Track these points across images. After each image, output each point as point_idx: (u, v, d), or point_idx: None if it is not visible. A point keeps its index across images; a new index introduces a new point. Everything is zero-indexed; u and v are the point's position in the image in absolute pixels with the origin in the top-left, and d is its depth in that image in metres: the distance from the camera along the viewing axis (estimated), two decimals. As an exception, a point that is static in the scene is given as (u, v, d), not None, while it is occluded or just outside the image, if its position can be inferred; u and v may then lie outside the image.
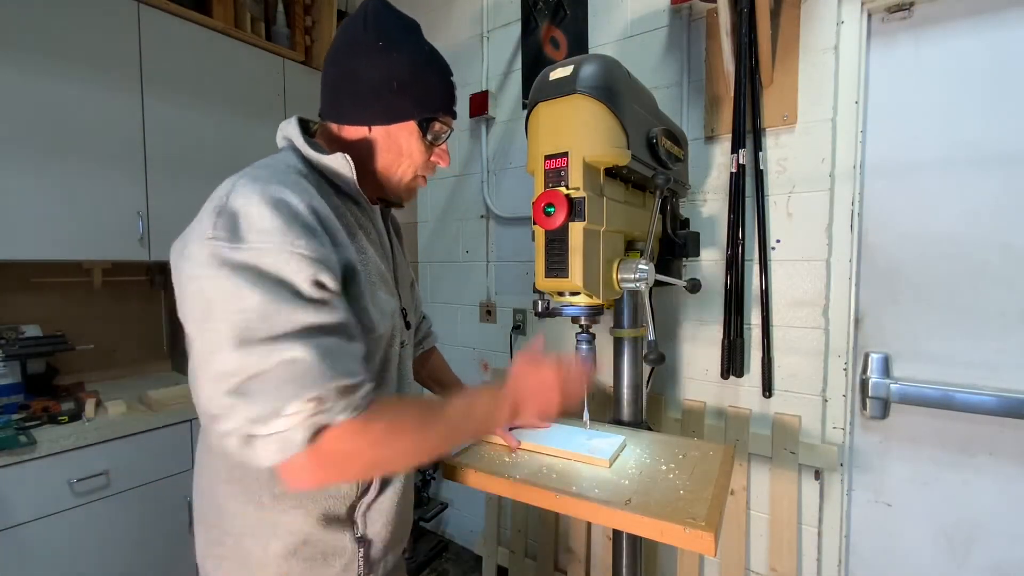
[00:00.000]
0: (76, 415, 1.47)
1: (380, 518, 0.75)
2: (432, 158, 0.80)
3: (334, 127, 0.76)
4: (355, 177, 0.70)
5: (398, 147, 0.76)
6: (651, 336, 0.98)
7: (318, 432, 0.55)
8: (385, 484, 0.75)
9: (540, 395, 0.75)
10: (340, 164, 0.69)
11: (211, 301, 0.54)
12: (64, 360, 1.81)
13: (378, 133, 0.75)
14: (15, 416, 1.42)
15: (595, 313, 0.96)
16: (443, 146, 0.81)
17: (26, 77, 1.43)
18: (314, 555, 0.69)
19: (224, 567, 0.69)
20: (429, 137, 0.77)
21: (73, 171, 1.52)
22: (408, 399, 0.66)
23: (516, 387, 0.75)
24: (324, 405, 0.54)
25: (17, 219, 1.43)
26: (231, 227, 0.55)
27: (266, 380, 0.52)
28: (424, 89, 0.75)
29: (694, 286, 1.09)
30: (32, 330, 1.68)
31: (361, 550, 0.72)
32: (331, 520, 0.70)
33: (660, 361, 0.96)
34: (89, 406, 1.49)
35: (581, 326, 0.97)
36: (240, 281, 0.53)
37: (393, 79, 0.71)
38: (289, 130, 0.73)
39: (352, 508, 0.72)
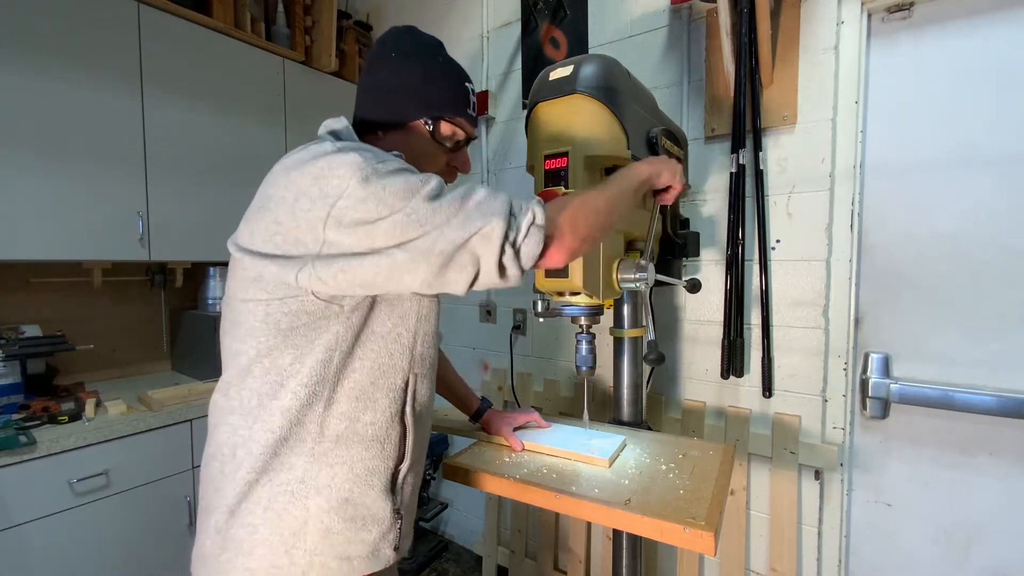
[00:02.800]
0: (76, 415, 1.47)
1: (411, 493, 0.78)
2: (452, 163, 0.82)
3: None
4: None
5: (411, 150, 0.77)
6: (651, 336, 0.98)
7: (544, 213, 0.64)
8: (403, 456, 0.77)
9: (664, 163, 0.86)
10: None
11: (393, 199, 0.59)
12: (64, 360, 1.81)
13: (393, 138, 0.79)
14: (15, 416, 1.42)
15: (595, 313, 0.96)
16: (465, 153, 0.82)
17: (26, 77, 1.42)
18: (354, 516, 0.70)
19: (260, 533, 0.68)
20: (447, 144, 0.80)
21: (73, 171, 1.52)
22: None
23: (642, 165, 0.84)
24: (529, 200, 0.65)
25: (17, 219, 1.42)
26: (368, 154, 0.62)
27: (481, 207, 0.61)
28: (433, 91, 0.79)
29: (694, 286, 1.09)
30: (32, 330, 1.68)
31: (399, 522, 0.74)
32: (373, 482, 0.71)
33: (660, 361, 0.96)
34: (89, 406, 1.49)
35: (581, 326, 0.97)
36: (407, 174, 0.62)
37: (404, 85, 0.78)
38: (337, 126, 0.77)
39: (394, 475, 0.74)
